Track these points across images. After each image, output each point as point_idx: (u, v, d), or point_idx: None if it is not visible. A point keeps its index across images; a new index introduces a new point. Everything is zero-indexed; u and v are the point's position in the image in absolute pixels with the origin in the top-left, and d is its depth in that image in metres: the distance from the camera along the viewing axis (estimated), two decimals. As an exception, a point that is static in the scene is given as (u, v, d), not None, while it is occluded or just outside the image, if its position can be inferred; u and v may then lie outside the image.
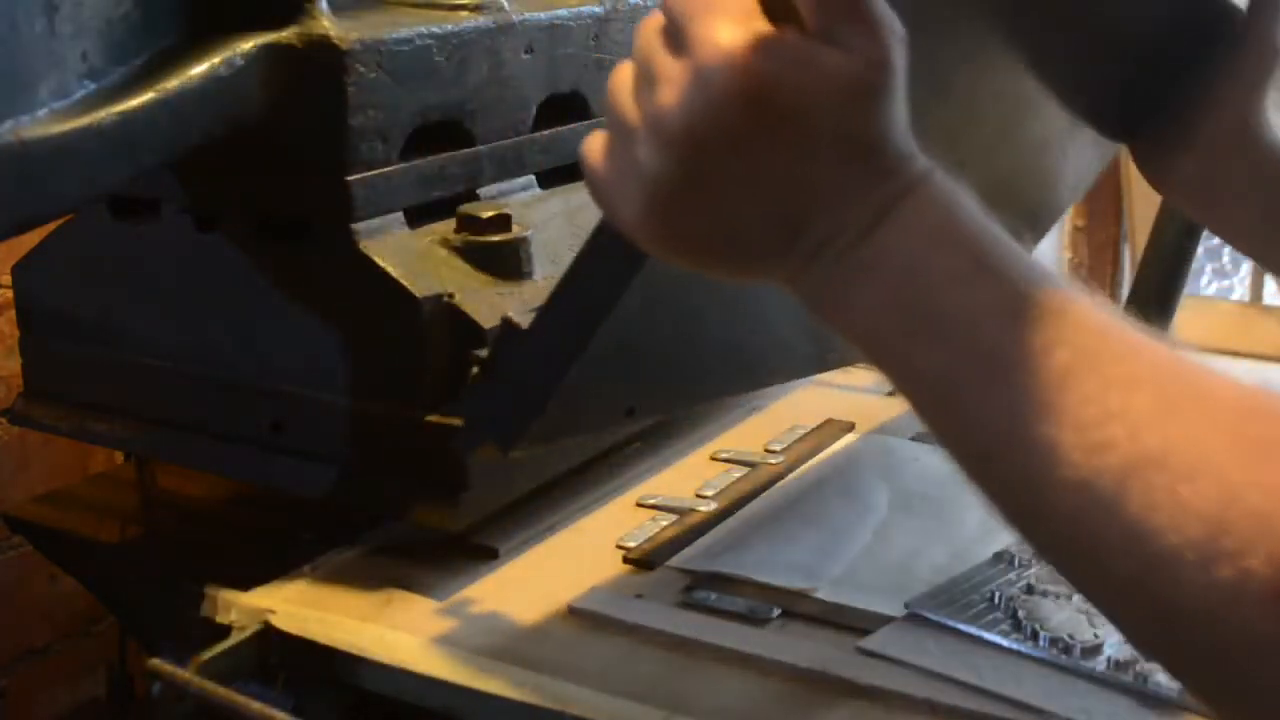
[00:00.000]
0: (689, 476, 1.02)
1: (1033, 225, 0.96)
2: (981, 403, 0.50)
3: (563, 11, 0.99)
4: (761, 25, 0.52)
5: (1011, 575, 0.84)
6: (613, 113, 0.57)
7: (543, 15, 0.97)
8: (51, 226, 0.95)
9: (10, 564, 1.37)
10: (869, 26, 0.52)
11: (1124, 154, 0.85)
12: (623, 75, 0.57)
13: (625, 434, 1.02)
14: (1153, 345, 0.50)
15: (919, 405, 0.54)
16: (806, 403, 1.16)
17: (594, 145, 0.59)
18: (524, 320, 0.77)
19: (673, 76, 0.53)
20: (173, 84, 0.78)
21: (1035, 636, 0.77)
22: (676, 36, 0.54)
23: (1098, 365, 0.49)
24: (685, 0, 0.54)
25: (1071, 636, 0.76)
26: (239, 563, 0.90)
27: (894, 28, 0.53)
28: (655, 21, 0.55)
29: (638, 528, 0.93)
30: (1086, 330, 0.50)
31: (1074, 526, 0.48)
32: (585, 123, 1.03)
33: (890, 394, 1.14)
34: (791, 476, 1.02)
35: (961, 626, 0.79)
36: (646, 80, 0.55)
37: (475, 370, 0.81)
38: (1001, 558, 0.86)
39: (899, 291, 0.52)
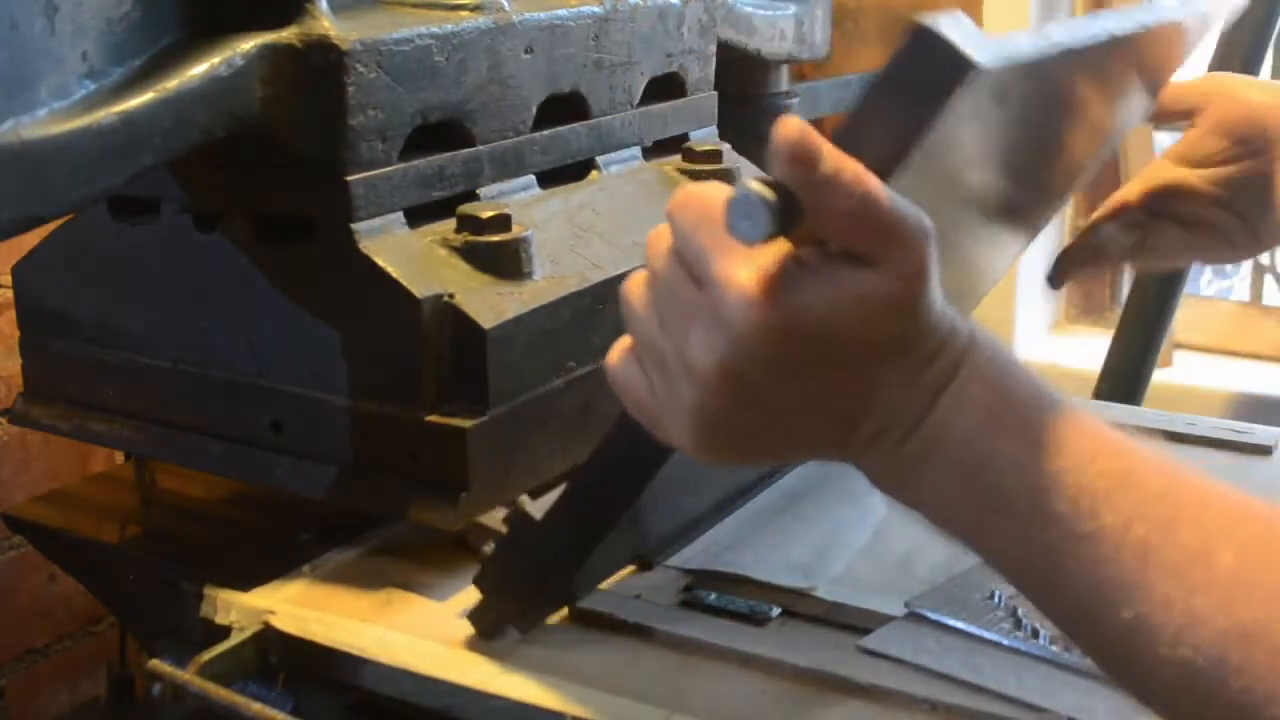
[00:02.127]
0: (689, 476, 1.02)
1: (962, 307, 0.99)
2: (1060, 584, 0.51)
3: (563, 11, 0.99)
4: (778, 252, 0.51)
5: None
6: (641, 337, 0.56)
7: (543, 15, 0.97)
8: (51, 226, 0.95)
9: (10, 564, 1.37)
10: (898, 240, 0.51)
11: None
12: (639, 293, 0.56)
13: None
14: (1218, 493, 0.50)
15: (999, 572, 0.54)
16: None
17: (626, 371, 0.58)
18: (536, 510, 0.77)
19: (697, 312, 0.53)
20: (173, 84, 0.78)
21: (1035, 634, 0.77)
22: (694, 269, 0.53)
23: (1173, 536, 0.49)
24: (696, 233, 0.53)
25: (1071, 636, 0.76)
26: (239, 563, 0.90)
27: (923, 229, 0.51)
28: (666, 242, 0.55)
29: (638, 527, 0.93)
30: (1152, 495, 0.50)
31: (1175, 698, 0.48)
32: (585, 123, 1.03)
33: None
34: (791, 476, 1.02)
35: (961, 625, 0.79)
36: (670, 309, 0.54)
37: (489, 553, 0.81)
38: (1001, 557, 0.86)
39: (961, 481, 0.53)
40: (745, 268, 0.51)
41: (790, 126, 0.50)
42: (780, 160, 0.50)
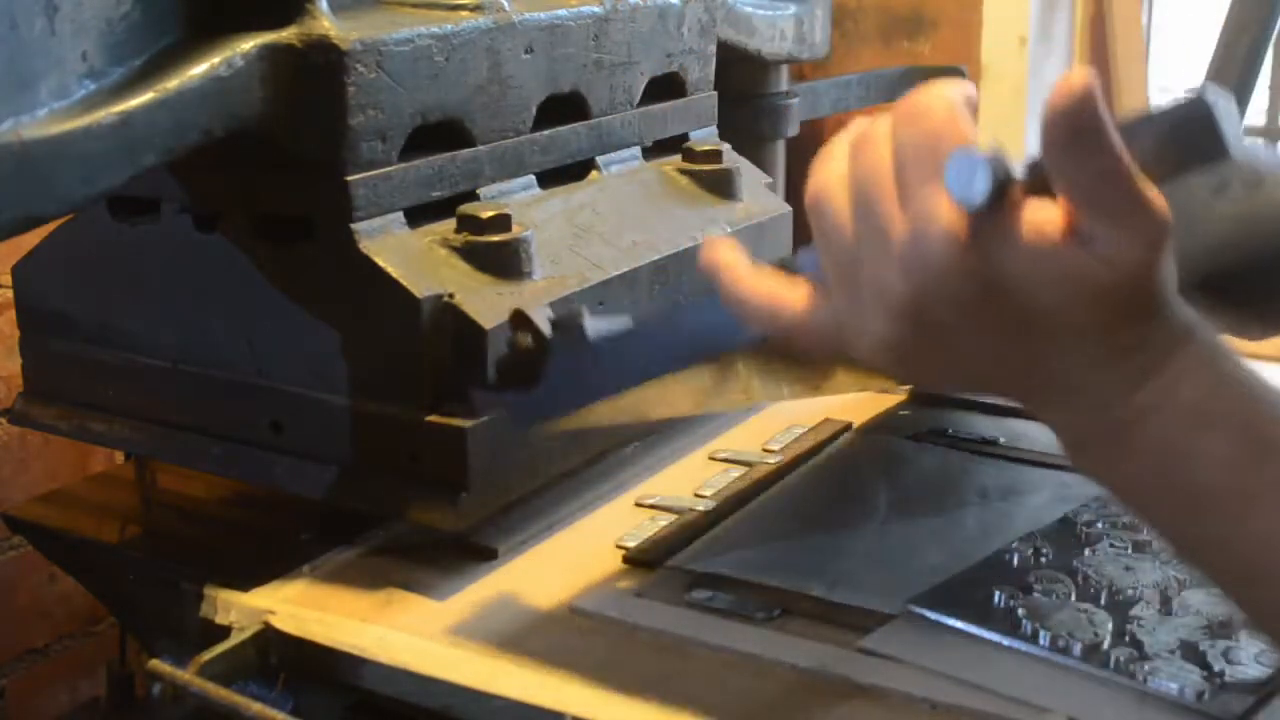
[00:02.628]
0: (688, 476, 1.02)
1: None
2: (1271, 578, 0.51)
3: (563, 11, 0.99)
4: (1003, 204, 0.50)
5: (1011, 574, 0.84)
6: (833, 242, 0.55)
7: (543, 15, 0.97)
8: (51, 226, 0.95)
9: (10, 564, 1.37)
10: (1145, 208, 0.49)
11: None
12: (838, 195, 0.55)
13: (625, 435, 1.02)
14: None
15: (1191, 562, 0.54)
16: (804, 402, 1.16)
17: (808, 261, 0.57)
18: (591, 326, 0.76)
19: (896, 235, 0.52)
20: (173, 84, 0.78)
21: (1035, 635, 0.77)
22: (904, 187, 0.52)
23: None
24: (918, 157, 0.52)
25: (1071, 635, 0.76)
26: (239, 563, 0.90)
27: (1163, 220, 0.50)
28: (884, 146, 0.53)
29: (637, 527, 0.93)
30: None
31: None
32: (585, 123, 1.03)
33: (885, 392, 1.14)
34: (791, 476, 1.02)
35: (961, 626, 0.79)
36: (868, 225, 0.53)
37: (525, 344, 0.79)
38: (1001, 557, 0.86)
39: (1159, 476, 0.52)
40: (952, 211, 0.50)
41: (1073, 83, 0.48)
42: (1059, 107, 0.48)
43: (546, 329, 0.78)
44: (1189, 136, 0.51)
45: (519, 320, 0.80)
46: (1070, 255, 0.50)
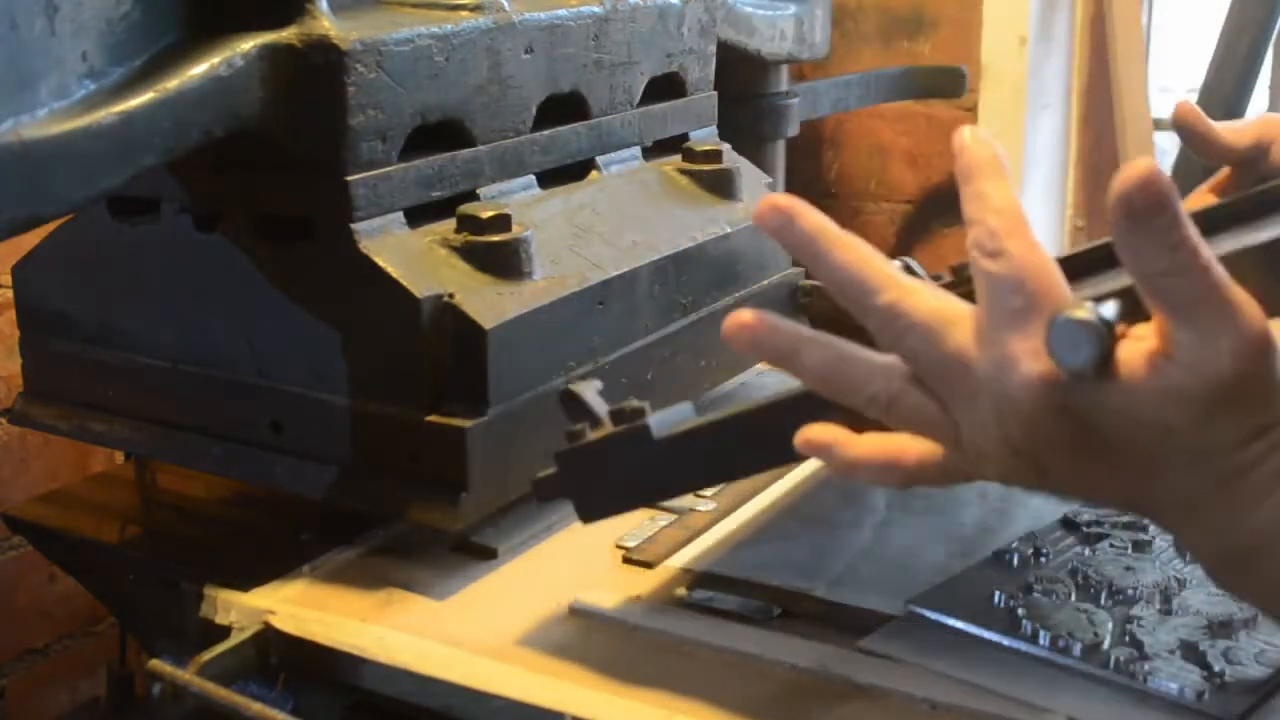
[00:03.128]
0: (689, 476, 1.02)
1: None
2: None
3: (563, 11, 0.99)
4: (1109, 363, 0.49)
5: (1011, 574, 0.84)
6: (924, 418, 0.56)
7: (543, 15, 0.97)
8: (51, 226, 0.95)
9: (10, 564, 1.37)
10: (1215, 331, 0.48)
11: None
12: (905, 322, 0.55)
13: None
14: None
15: None
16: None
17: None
18: (656, 425, 0.75)
19: (975, 388, 0.53)
20: (173, 84, 0.78)
21: (1035, 635, 0.77)
22: (992, 320, 0.52)
23: None
24: (1001, 294, 0.51)
25: (1071, 635, 0.76)
26: (239, 563, 0.90)
27: (1251, 325, 0.48)
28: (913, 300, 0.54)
29: (637, 528, 0.93)
30: None
31: None
32: (585, 123, 1.03)
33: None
34: (791, 476, 1.02)
35: (961, 626, 0.79)
36: (950, 390, 0.54)
37: (582, 437, 0.78)
38: (1001, 557, 0.86)
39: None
40: (1031, 360, 0.50)
41: (1136, 171, 0.47)
42: (1120, 190, 0.47)
43: (602, 410, 0.77)
44: None
45: (570, 403, 0.78)
46: (1159, 370, 0.48)
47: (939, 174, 1.97)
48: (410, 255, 0.86)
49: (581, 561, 0.90)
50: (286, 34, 0.82)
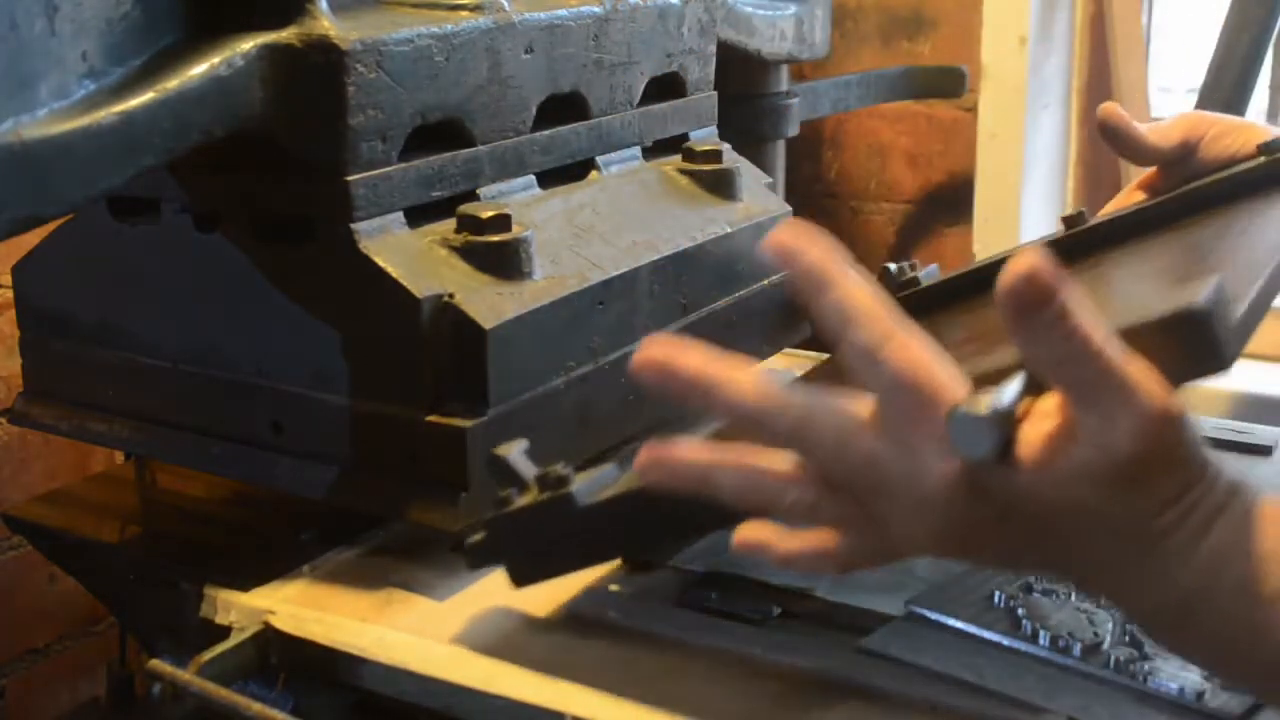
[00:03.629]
0: (689, 476, 1.02)
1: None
2: None
3: (563, 11, 0.99)
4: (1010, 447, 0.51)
5: (1011, 574, 0.84)
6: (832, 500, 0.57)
7: (543, 15, 0.97)
8: (51, 226, 0.95)
9: (10, 564, 1.37)
10: (1117, 411, 0.49)
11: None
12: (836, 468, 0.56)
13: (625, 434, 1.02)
14: None
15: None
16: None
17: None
18: (582, 493, 0.75)
19: (891, 489, 0.54)
20: (173, 84, 0.78)
21: (1035, 635, 0.77)
22: (900, 444, 0.53)
23: None
24: (909, 417, 0.52)
25: (1071, 635, 0.76)
26: (239, 563, 0.90)
27: (1151, 402, 0.49)
28: (857, 421, 0.54)
29: (638, 528, 0.93)
30: None
31: None
32: (585, 123, 1.03)
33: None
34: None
35: (961, 626, 0.79)
36: (868, 483, 0.55)
37: (510, 502, 0.78)
38: (1001, 557, 0.86)
39: (1233, 648, 0.53)
40: (942, 463, 0.52)
41: (1021, 265, 0.48)
42: (1008, 301, 0.48)
43: (529, 474, 0.77)
44: (1187, 346, 0.50)
45: (497, 467, 0.78)
46: (1063, 452, 0.50)
47: (939, 174, 1.97)
48: (410, 255, 0.86)
49: (581, 561, 0.90)
50: (286, 34, 0.82)
